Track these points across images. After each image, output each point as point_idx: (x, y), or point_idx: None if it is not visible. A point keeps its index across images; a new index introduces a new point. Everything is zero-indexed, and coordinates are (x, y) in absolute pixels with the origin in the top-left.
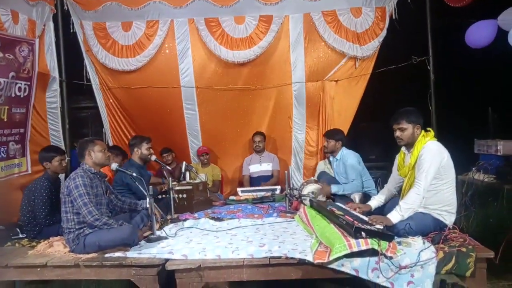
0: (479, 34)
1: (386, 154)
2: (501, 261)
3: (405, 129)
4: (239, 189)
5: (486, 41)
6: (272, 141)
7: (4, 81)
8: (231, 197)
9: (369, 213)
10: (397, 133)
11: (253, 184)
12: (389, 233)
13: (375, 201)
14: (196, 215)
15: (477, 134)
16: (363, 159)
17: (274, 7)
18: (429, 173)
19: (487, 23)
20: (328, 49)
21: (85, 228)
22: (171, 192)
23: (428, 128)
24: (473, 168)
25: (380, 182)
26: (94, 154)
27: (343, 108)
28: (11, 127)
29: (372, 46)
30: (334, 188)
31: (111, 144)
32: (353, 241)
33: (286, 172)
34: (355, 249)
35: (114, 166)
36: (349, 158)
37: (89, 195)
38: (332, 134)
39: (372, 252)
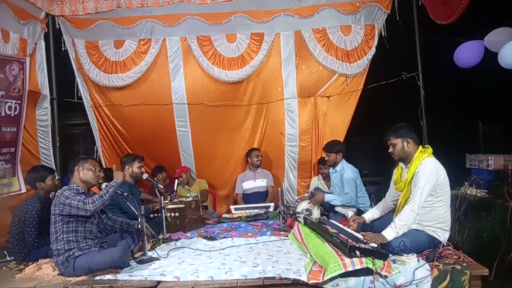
0: (467, 54)
1: (380, 169)
2: (495, 276)
3: (395, 144)
4: (232, 207)
5: (474, 61)
6: (265, 158)
7: None
8: (224, 215)
9: (363, 229)
10: (390, 149)
11: (248, 201)
12: (384, 252)
13: (370, 214)
14: (188, 234)
15: (468, 148)
16: None
17: (265, 25)
18: (425, 190)
19: (474, 44)
20: (319, 65)
21: (74, 250)
22: (163, 211)
23: (427, 145)
24: (466, 183)
25: (374, 198)
26: (83, 172)
27: (335, 124)
28: (1, 146)
29: (362, 63)
30: (327, 197)
31: (103, 162)
32: (347, 260)
33: (279, 189)
34: (350, 269)
35: (104, 186)
36: (346, 171)
37: (79, 200)
38: (330, 147)
39: (367, 271)
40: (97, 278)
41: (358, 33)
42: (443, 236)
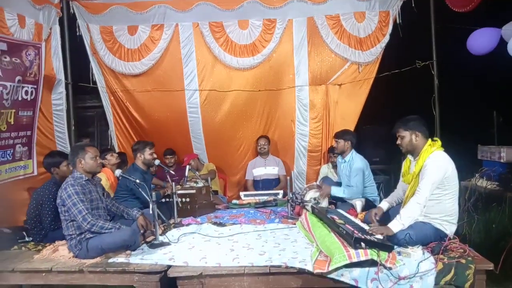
0: (480, 41)
1: (390, 157)
2: (502, 269)
3: (403, 137)
4: (242, 193)
5: (487, 48)
6: (275, 145)
7: (11, 85)
8: (234, 201)
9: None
10: (398, 141)
11: (258, 187)
12: (389, 244)
13: (386, 203)
14: (199, 219)
15: (482, 139)
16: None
17: (278, 10)
18: (432, 183)
19: (489, 31)
20: (332, 53)
21: (86, 233)
22: (174, 196)
23: (436, 138)
24: (476, 175)
25: (383, 188)
26: (85, 162)
27: (346, 112)
28: (18, 130)
29: (375, 51)
30: (334, 190)
31: (116, 146)
32: (352, 251)
33: (288, 177)
34: (355, 260)
35: (117, 172)
36: (356, 162)
37: (83, 202)
38: (341, 134)
39: (371, 263)
40: (111, 260)
41: (372, 20)
42: (450, 229)
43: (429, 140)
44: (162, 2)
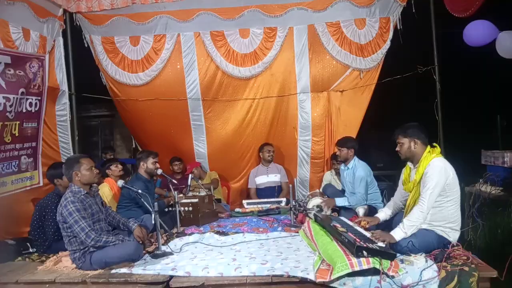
0: (477, 32)
1: (394, 163)
2: (507, 276)
3: (402, 144)
4: (244, 201)
5: (485, 40)
6: (277, 152)
7: (14, 97)
8: (237, 209)
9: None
10: (397, 148)
11: (261, 196)
12: (391, 252)
13: (383, 214)
14: (201, 228)
15: (485, 143)
16: (370, 167)
17: (278, 19)
18: (434, 191)
19: (488, 24)
20: (333, 60)
21: (89, 246)
22: (177, 206)
23: (435, 144)
24: (480, 180)
25: (386, 194)
26: (81, 174)
27: (348, 119)
28: (23, 141)
29: (376, 57)
30: (338, 201)
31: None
32: (354, 260)
33: (290, 185)
34: (357, 269)
35: (120, 183)
36: (359, 169)
37: (84, 219)
38: (343, 142)
39: (374, 271)
40: (113, 271)
41: (373, 26)
42: (453, 236)
43: (428, 147)
44: (164, 12)
